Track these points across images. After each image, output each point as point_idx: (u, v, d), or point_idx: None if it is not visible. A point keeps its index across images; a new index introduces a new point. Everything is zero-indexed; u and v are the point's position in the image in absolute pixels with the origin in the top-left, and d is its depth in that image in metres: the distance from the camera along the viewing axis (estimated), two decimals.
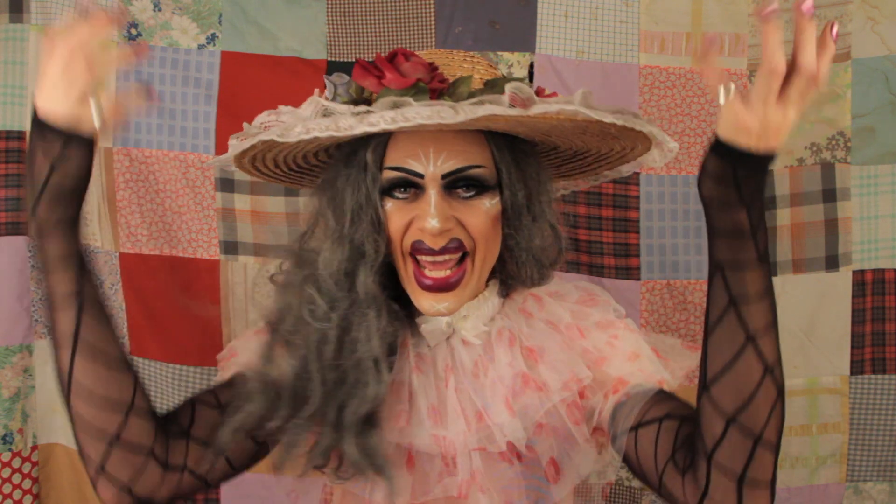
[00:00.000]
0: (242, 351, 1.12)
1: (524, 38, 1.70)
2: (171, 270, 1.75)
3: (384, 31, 1.71)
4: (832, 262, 1.73)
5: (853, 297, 1.73)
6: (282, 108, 0.98)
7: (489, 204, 1.00)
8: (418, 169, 0.98)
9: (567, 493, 1.04)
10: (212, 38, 1.71)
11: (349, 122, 0.89)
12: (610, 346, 1.06)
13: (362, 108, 0.92)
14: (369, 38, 1.71)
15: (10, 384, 1.77)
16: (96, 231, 1.77)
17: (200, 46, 1.71)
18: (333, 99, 0.97)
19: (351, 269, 0.98)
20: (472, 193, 0.99)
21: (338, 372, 0.98)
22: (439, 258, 0.98)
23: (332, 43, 1.72)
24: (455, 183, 0.98)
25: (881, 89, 1.69)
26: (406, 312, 1.05)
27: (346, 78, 0.98)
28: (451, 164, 0.98)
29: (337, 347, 0.98)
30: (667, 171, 1.71)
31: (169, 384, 1.76)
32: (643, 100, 1.70)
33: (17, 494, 1.79)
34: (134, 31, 1.71)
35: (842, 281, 1.73)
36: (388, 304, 1.01)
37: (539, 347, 1.04)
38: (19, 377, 1.78)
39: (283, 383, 0.99)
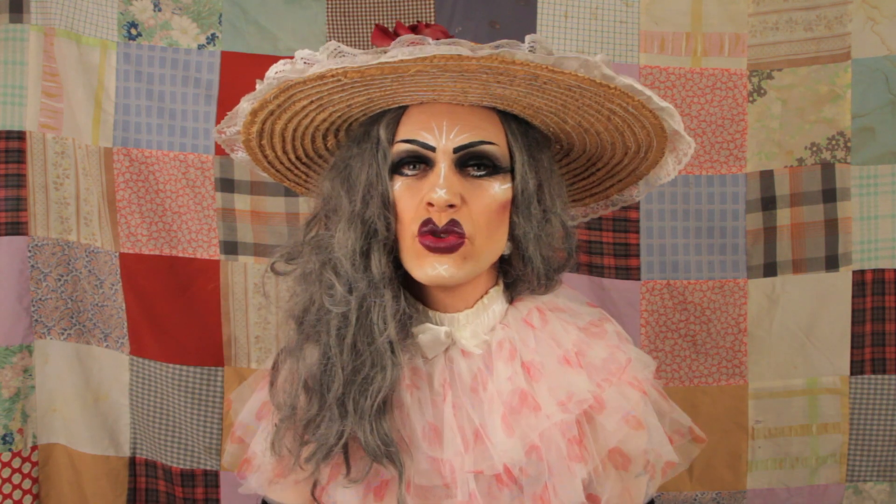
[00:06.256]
0: (262, 453, 1.07)
1: (524, 39, 1.70)
2: (171, 270, 1.75)
3: None
4: (832, 262, 1.73)
5: (853, 297, 1.73)
6: (298, 53, 0.95)
7: (499, 188, 0.98)
8: (430, 141, 0.96)
9: None
10: (212, 38, 1.71)
11: (365, 59, 0.88)
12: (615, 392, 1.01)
13: (378, 49, 0.91)
14: (369, 39, 1.71)
15: (10, 384, 1.77)
16: (96, 231, 1.77)
17: (200, 46, 1.71)
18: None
19: (365, 248, 0.97)
20: (483, 173, 0.97)
21: (357, 356, 0.96)
22: (442, 242, 0.95)
23: None
24: (467, 159, 0.96)
25: (881, 89, 1.69)
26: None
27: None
28: (464, 138, 0.96)
29: (356, 331, 0.96)
30: None
31: (169, 384, 1.76)
32: None
33: (17, 494, 1.79)
34: (134, 31, 1.71)
35: (842, 281, 1.73)
36: (402, 288, 0.99)
37: (539, 364, 1.00)
38: (19, 377, 1.78)
39: (310, 374, 0.98)
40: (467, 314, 1.02)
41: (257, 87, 0.98)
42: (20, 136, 1.74)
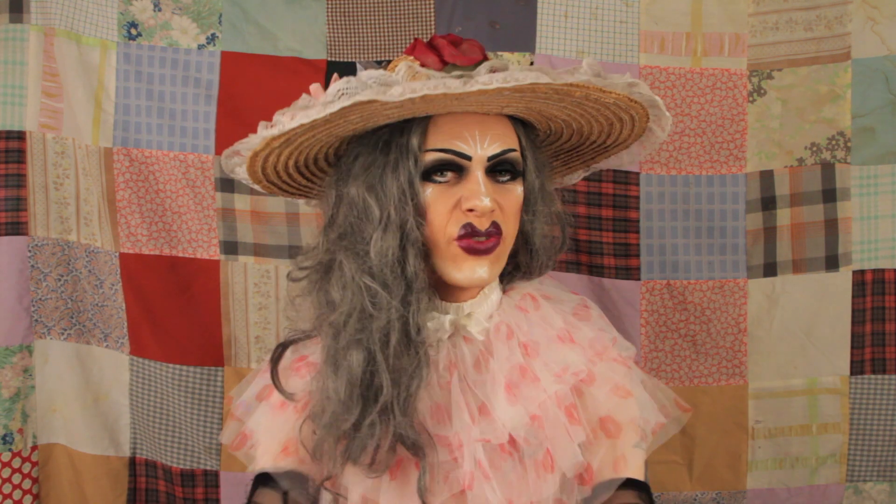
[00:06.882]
0: (262, 431, 1.11)
1: (524, 38, 1.70)
2: (171, 270, 1.75)
3: (384, 31, 1.71)
4: (832, 262, 1.73)
5: (853, 297, 1.73)
6: (366, 74, 0.93)
7: (519, 191, 1.03)
8: (466, 150, 0.99)
9: (556, 487, 1.03)
10: (212, 38, 1.71)
11: (457, 84, 0.89)
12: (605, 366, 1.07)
13: (461, 73, 0.93)
14: (369, 38, 1.71)
15: (10, 384, 1.77)
16: (96, 231, 1.77)
17: (200, 46, 1.71)
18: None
19: (402, 255, 0.99)
20: (507, 178, 1.02)
21: (400, 360, 1.00)
22: (482, 238, 1.00)
23: (332, 43, 1.72)
24: (496, 167, 1.01)
25: (881, 89, 1.69)
26: None
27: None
28: (495, 147, 1.00)
29: (400, 336, 0.99)
30: (667, 171, 1.71)
31: (169, 384, 1.76)
32: None
33: (17, 494, 1.79)
34: (134, 31, 1.71)
35: (842, 281, 1.73)
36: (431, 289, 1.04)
37: (534, 343, 1.06)
38: (19, 377, 1.78)
39: (354, 380, 1.00)
40: (471, 303, 1.07)
41: (303, 101, 0.96)
42: (20, 136, 1.74)
